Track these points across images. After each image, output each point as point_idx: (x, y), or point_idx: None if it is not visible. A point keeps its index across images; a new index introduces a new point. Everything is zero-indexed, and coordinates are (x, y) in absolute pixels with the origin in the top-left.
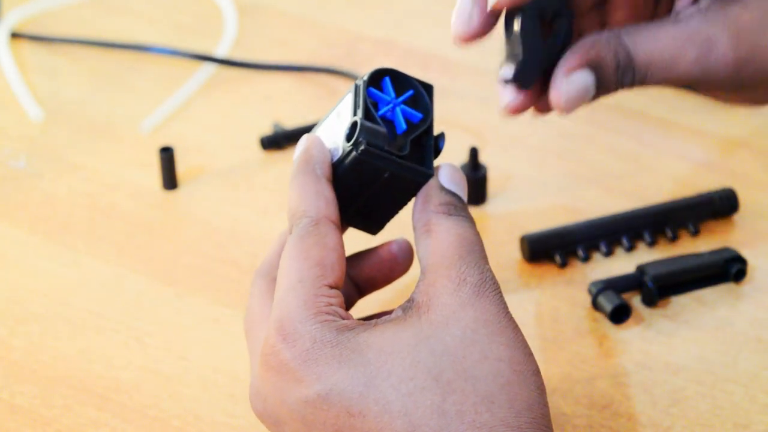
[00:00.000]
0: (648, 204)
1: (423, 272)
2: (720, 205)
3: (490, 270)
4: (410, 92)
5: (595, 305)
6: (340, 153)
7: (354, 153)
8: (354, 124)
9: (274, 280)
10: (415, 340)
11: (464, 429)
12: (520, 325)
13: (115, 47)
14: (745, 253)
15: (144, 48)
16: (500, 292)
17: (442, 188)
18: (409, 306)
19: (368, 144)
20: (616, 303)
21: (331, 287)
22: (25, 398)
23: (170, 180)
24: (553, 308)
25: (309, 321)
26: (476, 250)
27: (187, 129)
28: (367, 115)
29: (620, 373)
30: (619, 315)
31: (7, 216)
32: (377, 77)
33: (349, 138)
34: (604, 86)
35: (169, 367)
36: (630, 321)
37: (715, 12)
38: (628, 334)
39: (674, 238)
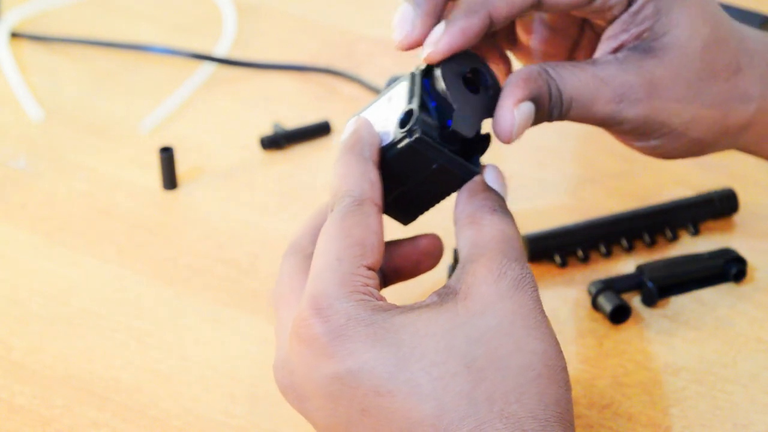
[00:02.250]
0: (648, 204)
1: (462, 262)
2: (720, 205)
3: (529, 268)
4: None
5: (595, 305)
6: (390, 138)
7: (407, 140)
8: (409, 112)
9: (306, 257)
10: (451, 325)
11: (492, 417)
12: None
13: (114, 47)
14: (745, 253)
15: (144, 48)
16: (537, 289)
17: (488, 186)
18: (445, 292)
19: (423, 133)
20: (615, 303)
21: (369, 268)
22: (25, 398)
23: (170, 180)
24: (553, 308)
25: (345, 298)
26: (517, 248)
27: (186, 129)
28: (422, 104)
29: (620, 373)
30: (619, 315)
31: (7, 216)
32: (431, 68)
33: (403, 125)
34: (539, 118)
35: (169, 367)
36: (630, 321)
37: (631, 63)
38: (628, 334)
39: (674, 238)
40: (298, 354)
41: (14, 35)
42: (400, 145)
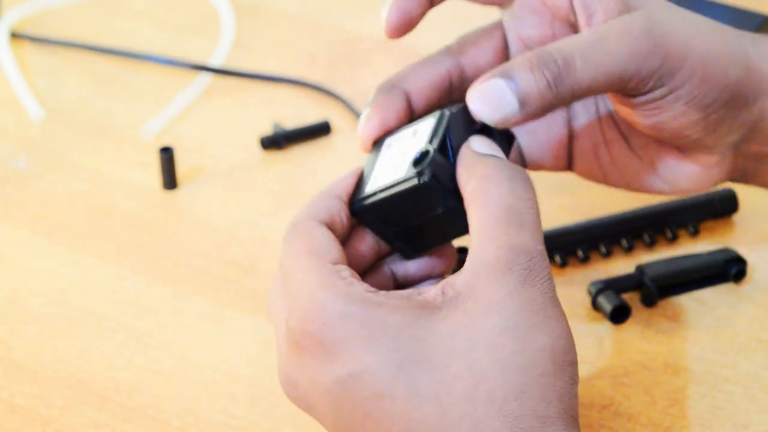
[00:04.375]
0: (648, 204)
1: (470, 251)
2: (720, 205)
3: (540, 252)
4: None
5: (595, 305)
6: (404, 173)
7: (415, 180)
8: (425, 153)
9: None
10: (452, 332)
11: (491, 416)
12: None
13: (114, 54)
14: (745, 253)
15: (143, 56)
16: (549, 277)
17: (479, 155)
18: (449, 292)
19: (433, 176)
20: (616, 303)
21: (335, 263)
22: (25, 398)
23: (170, 180)
24: None
25: (331, 295)
26: (526, 225)
27: (186, 129)
28: (442, 147)
29: (620, 373)
30: (619, 315)
31: (7, 216)
32: (466, 111)
33: (416, 164)
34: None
35: (169, 367)
36: (630, 321)
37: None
38: (628, 334)
39: (674, 239)
40: (300, 364)
41: (14, 35)
42: (408, 184)
